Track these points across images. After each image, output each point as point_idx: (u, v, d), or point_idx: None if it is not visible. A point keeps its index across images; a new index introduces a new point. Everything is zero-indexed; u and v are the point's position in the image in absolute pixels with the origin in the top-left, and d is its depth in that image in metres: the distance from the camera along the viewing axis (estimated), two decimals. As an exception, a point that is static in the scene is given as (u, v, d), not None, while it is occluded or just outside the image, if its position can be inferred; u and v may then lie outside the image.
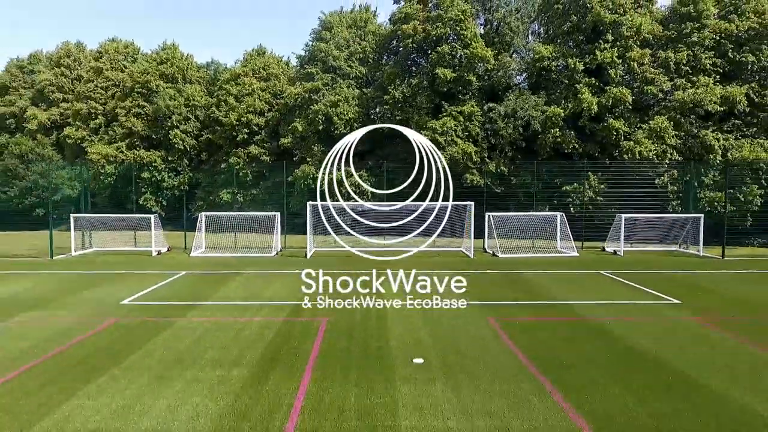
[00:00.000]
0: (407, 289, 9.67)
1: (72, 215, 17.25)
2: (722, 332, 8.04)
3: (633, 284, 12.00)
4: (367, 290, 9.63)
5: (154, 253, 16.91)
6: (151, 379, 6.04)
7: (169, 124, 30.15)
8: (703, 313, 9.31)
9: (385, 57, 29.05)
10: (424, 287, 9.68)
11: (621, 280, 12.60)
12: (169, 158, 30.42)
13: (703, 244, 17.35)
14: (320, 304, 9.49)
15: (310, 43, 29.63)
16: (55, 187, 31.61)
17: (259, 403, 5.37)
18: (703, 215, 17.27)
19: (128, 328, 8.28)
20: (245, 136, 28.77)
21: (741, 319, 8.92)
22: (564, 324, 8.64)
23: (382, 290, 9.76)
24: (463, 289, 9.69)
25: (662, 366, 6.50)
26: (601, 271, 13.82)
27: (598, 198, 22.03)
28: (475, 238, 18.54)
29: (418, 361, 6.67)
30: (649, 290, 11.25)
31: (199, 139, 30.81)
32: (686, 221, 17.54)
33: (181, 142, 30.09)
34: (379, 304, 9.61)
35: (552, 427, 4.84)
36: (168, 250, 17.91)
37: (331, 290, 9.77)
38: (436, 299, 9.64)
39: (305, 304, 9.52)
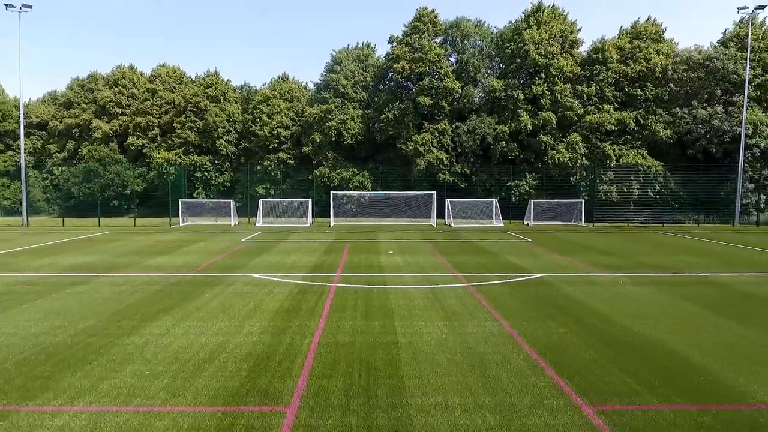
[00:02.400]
0: (391, 237, 18.71)
1: (181, 200, 26.34)
2: (539, 248, 17.11)
3: (518, 236, 21.16)
4: (369, 237, 18.67)
5: (232, 224, 26.07)
6: (284, 255, 15.17)
7: (215, 135, 39.20)
8: (538, 242, 18.42)
9: (382, 85, 38.05)
10: (401, 237, 18.75)
11: (515, 234, 21.76)
12: (216, 161, 39.48)
13: (587, 221, 26.46)
14: (344, 241, 18.62)
15: (324, 74, 38.62)
16: (126, 183, 40.69)
17: (328, 260, 14.41)
18: (583, 200, 26.47)
19: (256, 246, 17.41)
20: (275, 145, 37.84)
21: (558, 246, 17.91)
22: (465, 245, 17.72)
23: (378, 237, 18.77)
24: (421, 239, 18.81)
25: (493, 253, 15.62)
26: (509, 232, 23.00)
27: (532, 191, 31.14)
28: (440, 217, 27.75)
29: (390, 252, 15.83)
30: (522, 237, 20.44)
31: (238, 147, 39.89)
32: (575, 204, 26.71)
33: (224, 149, 39.18)
34: (375, 240, 18.78)
35: (437, 263, 13.94)
36: (238, 223, 27.06)
37: (350, 237, 18.87)
38: (406, 240, 18.75)
39: (336, 240, 18.64)
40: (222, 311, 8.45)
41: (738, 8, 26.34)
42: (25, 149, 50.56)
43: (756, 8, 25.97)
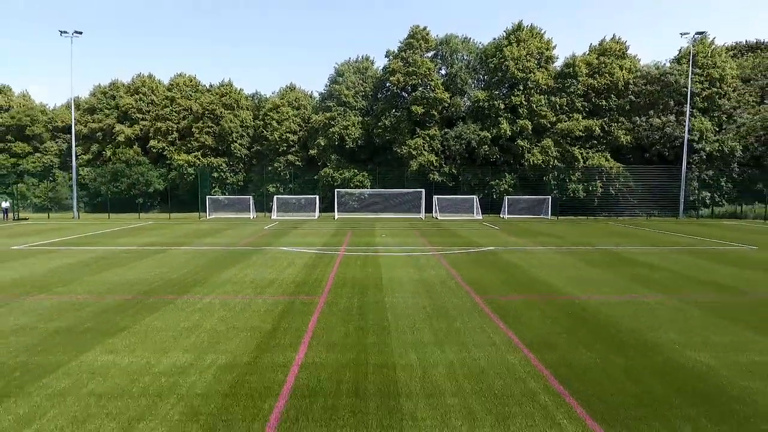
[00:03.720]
0: (385, 226, 23.11)
1: (208, 197, 30.82)
2: (501, 233, 21.50)
3: (490, 225, 25.59)
4: (367, 226, 23.08)
5: (251, 217, 30.55)
6: (301, 237, 19.62)
7: (230, 139, 43.63)
8: (503, 230, 22.82)
9: (380, 94, 42.45)
10: (393, 226, 23.15)
11: (488, 225, 26.18)
12: (231, 163, 43.92)
13: (555, 215, 30.87)
14: (347, 229, 23.07)
15: (328, 84, 43.03)
16: (149, 182, 45.09)
17: (335, 239, 18.82)
18: (550, 197, 30.89)
19: (277, 232, 21.84)
20: (284, 148, 42.26)
21: (518, 232, 22.29)
22: (443, 231, 22.10)
23: (374, 226, 23.15)
24: (410, 227, 23.26)
25: (463, 236, 20.04)
26: (484, 223, 27.45)
27: (510, 189, 35.56)
28: (429, 212, 32.19)
29: (383, 235, 20.28)
30: (492, 225, 24.88)
31: (251, 150, 44.33)
32: (544, 200, 31.15)
33: (238, 152, 43.61)
34: (372, 228, 23.22)
35: (418, 242, 18.37)
36: (256, 216, 31.53)
37: (351, 226, 23.30)
38: (397, 228, 23.16)
39: (341, 228, 23.09)
40: (268, 265, 12.89)
41: (681, 33, 30.84)
42: (50, 151, 54.91)
43: (695, 34, 30.39)
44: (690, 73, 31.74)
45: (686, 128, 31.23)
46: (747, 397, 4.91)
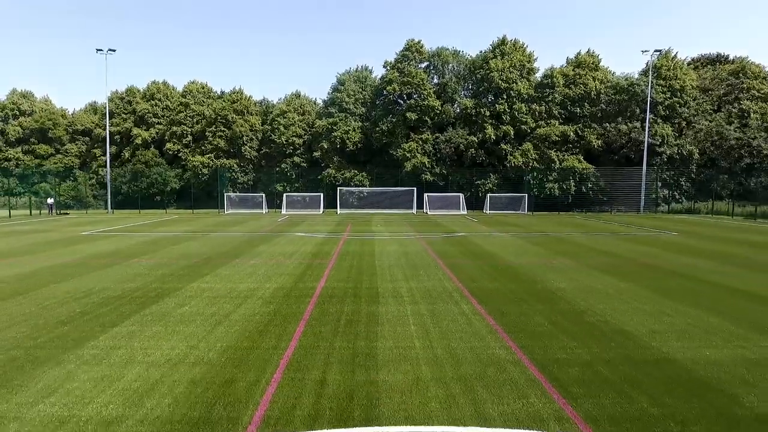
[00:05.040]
0: (381, 219, 27.18)
1: (226, 194, 34.97)
2: (477, 224, 25.56)
3: (471, 219, 29.66)
4: (365, 220, 27.15)
5: (264, 212, 34.66)
6: (310, 226, 23.72)
7: (240, 142, 47.73)
8: (481, 222, 26.88)
9: (378, 101, 46.51)
10: (388, 219, 27.22)
11: (469, 218, 30.25)
12: (241, 164, 48.03)
13: (531, 211, 34.97)
14: (348, 221, 27.17)
15: (330, 92, 47.15)
16: (166, 182, 49.16)
17: (339, 228, 22.89)
18: (526, 194, 34.98)
19: (290, 223, 25.91)
20: (290, 151, 46.36)
21: (491, 223, 26.33)
22: (429, 223, 26.16)
23: (371, 219, 27.21)
24: (401, 220, 27.36)
25: (445, 226, 24.13)
26: (467, 217, 31.52)
27: (494, 188, 39.64)
28: (421, 208, 36.30)
29: (379, 225, 24.37)
30: (473, 219, 28.98)
31: (260, 152, 48.43)
32: (521, 198, 35.27)
33: (248, 154, 47.71)
34: (369, 221, 27.32)
35: (406, 230, 22.45)
36: (268, 211, 35.64)
37: (352, 220, 27.39)
38: (391, 221, 27.26)
39: (343, 221, 27.18)
40: (289, 244, 16.99)
41: (642, 51, 34.99)
42: (71, 153, 58.91)
43: (654, 51, 34.56)
44: (650, 85, 35.85)
45: (646, 133, 35.32)
46: (572, 299, 8.99)
